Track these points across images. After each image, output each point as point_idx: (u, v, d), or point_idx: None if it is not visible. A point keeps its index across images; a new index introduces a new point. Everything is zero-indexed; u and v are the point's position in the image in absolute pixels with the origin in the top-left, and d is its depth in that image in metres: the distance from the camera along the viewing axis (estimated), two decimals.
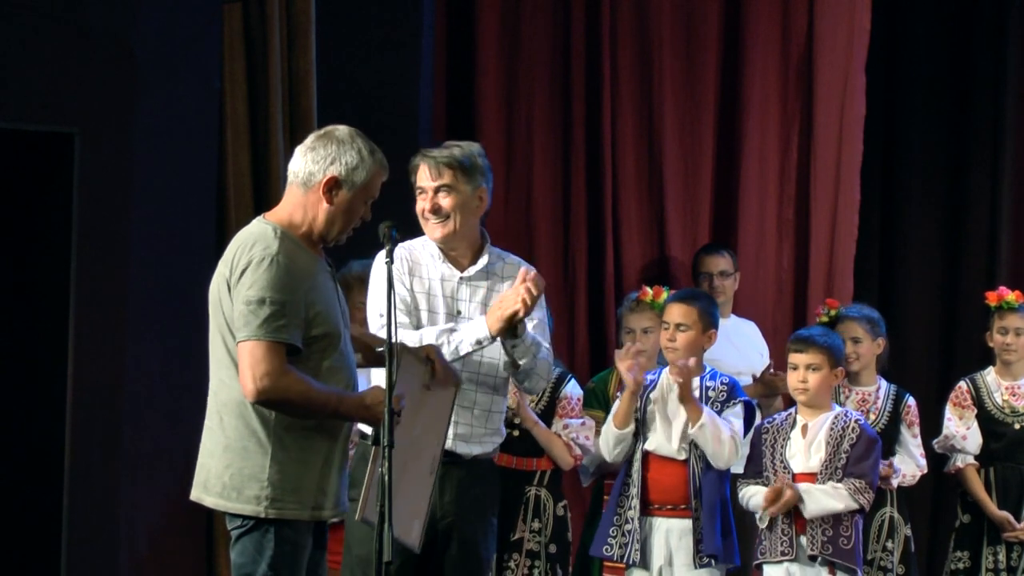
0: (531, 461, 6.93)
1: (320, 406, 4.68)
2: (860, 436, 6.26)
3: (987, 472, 7.25)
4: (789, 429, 6.35)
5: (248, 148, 7.31)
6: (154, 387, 6.84)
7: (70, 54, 6.73)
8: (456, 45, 8.28)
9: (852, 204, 8.33)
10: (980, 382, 7.31)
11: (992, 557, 7.18)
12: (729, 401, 6.37)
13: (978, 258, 8.67)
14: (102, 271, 6.80)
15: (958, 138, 8.77)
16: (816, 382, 6.32)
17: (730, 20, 8.45)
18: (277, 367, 4.60)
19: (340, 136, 4.81)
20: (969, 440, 7.22)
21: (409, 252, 5.56)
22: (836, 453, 6.24)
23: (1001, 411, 7.24)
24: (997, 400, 7.25)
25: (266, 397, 4.62)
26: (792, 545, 6.20)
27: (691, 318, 6.40)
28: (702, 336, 6.41)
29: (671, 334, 6.42)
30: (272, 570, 4.68)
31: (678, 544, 6.31)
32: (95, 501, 6.76)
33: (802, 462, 6.27)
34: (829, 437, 6.26)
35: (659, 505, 6.35)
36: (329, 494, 4.77)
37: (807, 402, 6.35)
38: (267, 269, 4.65)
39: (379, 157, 4.84)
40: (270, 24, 7.31)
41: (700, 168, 8.43)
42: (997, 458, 7.25)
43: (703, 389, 6.40)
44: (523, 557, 6.88)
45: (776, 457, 6.30)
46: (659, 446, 6.37)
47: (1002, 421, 7.23)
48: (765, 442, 6.35)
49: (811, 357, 6.34)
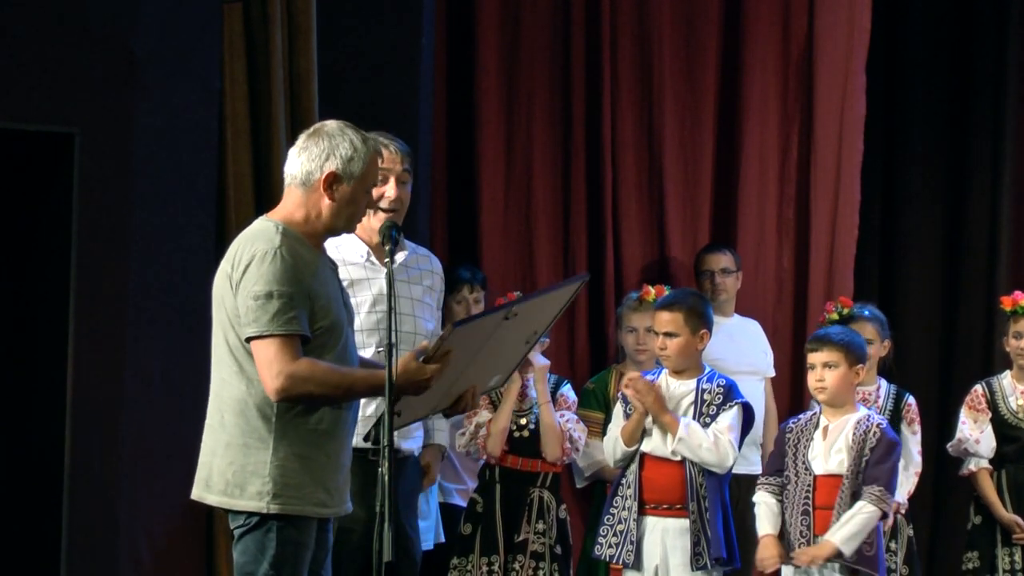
0: (536, 463, 6.92)
1: (343, 391, 4.69)
2: (880, 439, 6.20)
3: (999, 475, 7.25)
4: (812, 430, 6.30)
5: (249, 148, 7.31)
6: (154, 387, 6.83)
7: (70, 54, 6.72)
8: (456, 45, 8.28)
9: (852, 204, 8.33)
10: (996, 386, 7.30)
11: (1008, 558, 7.18)
12: (725, 403, 6.36)
13: (978, 258, 8.68)
14: (102, 271, 6.79)
15: (958, 138, 8.78)
16: (834, 380, 6.25)
17: (730, 20, 8.45)
18: (292, 361, 4.61)
19: (330, 130, 4.82)
20: (982, 444, 7.21)
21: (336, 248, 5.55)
22: (859, 458, 6.18)
23: (1015, 416, 7.23)
24: (1012, 405, 7.25)
25: (287, 394, 4.63)
26: (810, 546, 6.17)
27: (677, 324, 6.37)
28: (693, 338, 6.38)
29: (662, 342, 6.41)
30: (274, 569, 4.68)
31: (674, 544, 6.30)
32: (95, 501, 6.75)
33: (822, 464, 6.23)
34: (852, 441, 6.19)
35: (655, 505, 6.35)
36: (332, 492, 4.77)
37: (827, 401, 6.29)
38: (271, 263, 4.66)
39: (372, 143, 4.84)
40: (271, 24, 7.31)
41: (700, 168, 8.43)
42: (1010, 461, 7.25)
43: (699, 392, 6.39)
44: (528, 559, 6.87)
45: (799, 458, 6.26)
46: (655, 447, 6.37)
47: (1016, 425, 7.23)
48: (789, 441, 6.31)
49: (827, 355, 6.27)
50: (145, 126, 6.85)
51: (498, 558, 6.86)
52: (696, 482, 6.29)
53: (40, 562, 6.80)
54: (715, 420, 6.33)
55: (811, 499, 6.20)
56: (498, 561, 6.86)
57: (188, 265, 6.86)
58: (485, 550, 6.88)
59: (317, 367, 4.65)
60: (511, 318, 4.82)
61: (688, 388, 6.41)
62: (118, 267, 6.82)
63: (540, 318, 4.98)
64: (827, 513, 6.18)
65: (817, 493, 6.21)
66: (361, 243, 5.77)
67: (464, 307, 7.38)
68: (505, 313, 4.82)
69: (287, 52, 7.37)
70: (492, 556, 6.87)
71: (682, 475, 6.31)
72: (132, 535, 6.80)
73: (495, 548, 6.89)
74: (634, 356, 7.30)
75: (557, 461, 6.92)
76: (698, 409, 6.36)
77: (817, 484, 6.22)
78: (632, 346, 7.31)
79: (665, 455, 6.34)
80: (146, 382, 6.83)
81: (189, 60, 6.96)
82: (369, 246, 5.78)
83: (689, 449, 6.27)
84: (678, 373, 6.43)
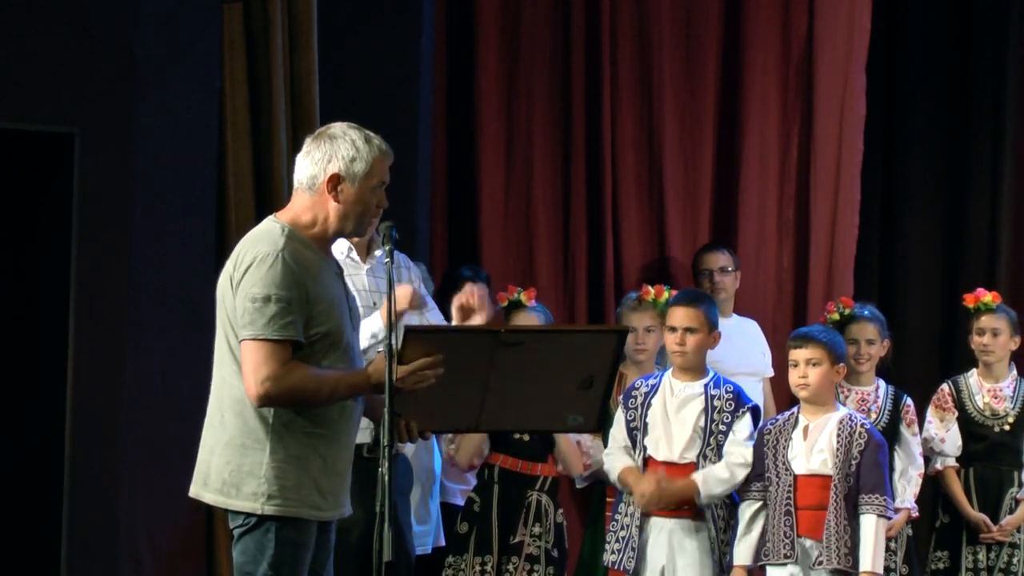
0: (535, 466, 6.91)
1: (325, 396, 4.68)
2: (868, 441, 6.20)
3: (967, 474, 7.27)
4: (791, 430, 6.30)
5: (249, 149, 7.30)
6: (154, 387, 6.84)
7: (70, 54, 6.72)
8: (456, 45, 8.28)
9: (852, 204, 8.33)
10: (963, 384, 7.33)
11: (972, 557, 7.20)
12: (737, 410, 6.35)
13: (978, 258, 8.67)
14: (102, 271, 6.79)
15: (958, 138, 8.78)
16: (817, 378, 6.26)
17: (730, 20, 8.45)
18: (279, 369, 4.61)
19: (333, 133, 4.81)
20: (948, 443, 7.23)
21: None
22: (847, 459, 6.18)
23: (982, 414, 7.25)
24: (978, 403, 7.27)
25: (268, 401, 4.64)
26: (794, 547, 6.18)
27: (699, 320, 6.38)
28: (708, 338, 6.41)
29: (679, 338, 6.39)
30: (273, 569, 4.68)
31: (681, 544, 6.30)
32: (95, 501, 6.75)
33: (803, 463, 6.23)
34: (838, 442, 6.19)
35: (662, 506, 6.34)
36: (327, 495, 4.76)
37: (809, 398, 6.29)
38: (272, 266, 4.65)
39: (376, 143, 4.82)
40: (271, 24, 7.31)
41: (700, 168, 8.42)
42: (977, 460, 7.26)
43: (708, 397, 6.37)
44: (522, 561, 6.87)
45: (778, 459, 6.27)
46: (661, 452, 6.36)
47: (982, 424, 7.24)
48: (767, 443, 6.30)
49: (811, 352, 6.28)
50: (145, 126, 6.85)
51: (491, 558, 6.86)
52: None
53: (40, 562, 6.80)
54: (730, 430, 6.30)
55: (793, 499, 6.19)
56: (491, 561, 6.86)
57: (188, 265, 6.86)
58: (479, 550, 6.87)
59: (302, 375, 4.63)
60: (515, 346, 4.85)
61: (695, 392, 6.39)
62: (118, 267, 6.82)
63: (585, 361, 4.98)
64: (810, 513, 6.17)
65: (799, 493, 6.20)
66: (343, 240, 5.76)
67: None
68: (498, 338, 4.85)
69: (287, 52, 7.38)
70: (486, 556, 6.87)
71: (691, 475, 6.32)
72: (132, 535, 6.80)
73: (489, 548, 6.88)
74: (633, 356, 7.29)
75: (580, 474, 6.95)
76: (708, 416, 6.33)
77: (798, 484, 6.21)
78: (631, 346, 7.31)
79: (670, 459, 6.34)
80: (146, 382, 6.84)
81: (189, 60, 6.96)
82: (351, 243, 5.82)
83: (714, 496, 6.28)
84: (683, 374, 6.42)
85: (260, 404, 4.64)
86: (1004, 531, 7.17)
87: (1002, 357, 7.31)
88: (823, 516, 6.15)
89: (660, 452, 6.35)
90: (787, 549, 6.17)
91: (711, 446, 6.32)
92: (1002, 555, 7.18)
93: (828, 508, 6.14)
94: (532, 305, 7.22)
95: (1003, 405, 7.26)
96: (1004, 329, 7.28)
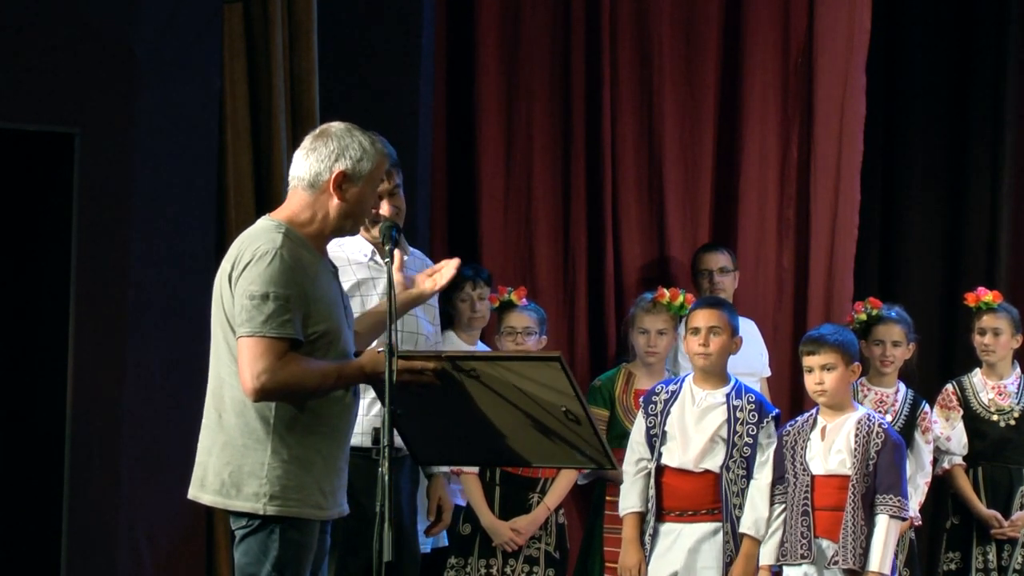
0: (537, 469, 6.92)
1: (318, 387, 4.67)
2: (886, 441, 6.18)
3: (975, 471, 7.27)
4: (809, 431, 6.28)
5: (249, 149, 7.30)
6: (154, 387, 6.83)
7: (70, 54, 6.72)
8: (456, 45, 8.28)
9: (852, 204, 8.33)
10: (967, 383, 7.35)
11: (982, 557, 7.21)
12: (761, 421, 6.33)
13: (978, 258, 8.68)
14: (102, 271, 6.79)
15: (958, 138, 8.78)
16: (833, 382, 6.23)
17: (730, 20, 8.45)
18: (274, 363, 4.59)
19: (337, 132, 4.81)
20: (953, 441, 7.24)
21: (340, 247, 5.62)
22: (865, 459, 6.16)
23: (987, 410, 7.26)
24: (983, 399, 7.27)
25: (264, 395, 4.62)
26: (811, 547, 6.17)
27: (723, 321, 6.38)
28: (731, 342, 6.39)
29: (703, 338, 6.36)
30: (276, 571, 4.66)
31: (698, 547, 6.29)
32: (95, 501, 6.75)
33: (821, 464, 6.22)
34: (856, 442, 6.17)
35: (678, 512, 6.33)
36: (328, 494, 4.76)
37: (828, 403, 6.27)
38: (270, 264, 4.64)
39: (379, 146, 4.83)
40: (271, 24, 7.31)
41: (700, 168, 8.43)
42: (984, 457, 7.27)
43: (730, 408, 6.35)
44: (520, 563, 6.87)
45: (796, 459, 6.25)
46: (677, 459, 6.34)
47: (988, 420, 7.25)
48: (786, 444, 6.29)
49: (824, 357, 6.25)
50: (145, 126, 6.85)
51: (496, 561, 6.88)
52: (733, 491, 6.28)
53: (40, 562, 6.80)
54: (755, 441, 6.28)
55: (810, 499, 6.19)
56: (496, 564, 6.88)
57: (188, 265, 6.86)
58: (484, 552, 6.88)
59: (296, 368, 4.62)
60: (471, 373, 4.74)
61: (717, 401, 6.37)
62: (118, 267, 6.81)
63: (550, 391, 4.82)
64: (827, 514, 6.17)
65: (816, 493, 6.20)
66: (366, 243, 5.77)
67: (468, 305, 7.35)
68: (454, 363, 4.74)
69: (287, 52, 7.38)
70: (491, 559, 6.88)
71: (709, 484, 6.30)
72: (132, 535, 6.80)
73: (494, 551, 6.90)
74: (644, 358, 7.27)
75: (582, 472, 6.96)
76: (731, 428, 6.31)
77: (816, 484, 6.20)
78: (643, 347, 7.30)
79: (688, 467, 6.32)
80: (146, 382, 6.83)
81: (189, 60, 6.96)
82: (374, 245, 5.79)
83: (764, 524, 6.26)
84: (705, 381, 6.40)
85: (256, 398, 4.62)
86: (1016, 526, 7.18)
87: (1004, 356, 7.32)
88: (840, 517, 6.14)
89: (676, 460, 6.34)
90: (804, 549, 6.16)
91: (734, 458, 6.30)
92: (1016, 555, 7.17)
93: (845, 508, 6.12)
94: (523, 304, 7.23)
95: (1008, 401, 7.27)
96: (1005, 328, 7.29)
